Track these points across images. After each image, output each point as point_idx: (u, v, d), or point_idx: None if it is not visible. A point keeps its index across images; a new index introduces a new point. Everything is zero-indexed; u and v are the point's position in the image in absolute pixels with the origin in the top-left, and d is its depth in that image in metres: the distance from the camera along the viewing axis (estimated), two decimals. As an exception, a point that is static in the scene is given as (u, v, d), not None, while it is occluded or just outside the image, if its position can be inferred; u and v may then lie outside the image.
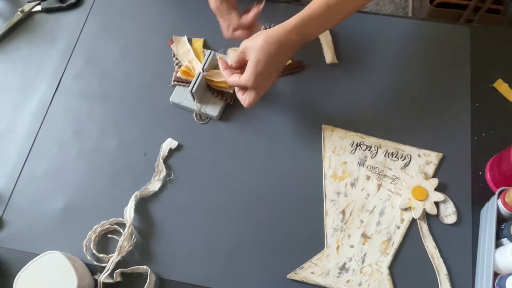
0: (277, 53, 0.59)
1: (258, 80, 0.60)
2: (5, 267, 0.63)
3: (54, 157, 0.70)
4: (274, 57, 0.59)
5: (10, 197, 0.68)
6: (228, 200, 0.66)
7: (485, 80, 0.72)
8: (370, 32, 0.77)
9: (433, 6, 1.46)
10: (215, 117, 0.71)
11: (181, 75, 0.72)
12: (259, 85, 0.61)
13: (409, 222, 0.63)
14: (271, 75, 0.61)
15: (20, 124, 0.73)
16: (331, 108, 0.72)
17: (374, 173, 0.66)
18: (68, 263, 0.57)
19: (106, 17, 0.82)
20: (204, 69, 0.69)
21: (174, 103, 0.72)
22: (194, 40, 0.77)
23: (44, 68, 0.78)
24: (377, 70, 0.74)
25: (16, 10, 0.83)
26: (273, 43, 0.58)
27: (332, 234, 0.63)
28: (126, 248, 0.62)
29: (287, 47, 0.60)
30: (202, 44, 0.76)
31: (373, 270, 0.61)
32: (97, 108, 0.74)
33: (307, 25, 0.60)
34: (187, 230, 0.64)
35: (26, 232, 0.65)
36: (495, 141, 0.68)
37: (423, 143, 0.68)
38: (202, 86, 0.70)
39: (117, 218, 0.65)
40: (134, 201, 0.64)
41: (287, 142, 0.69)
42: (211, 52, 0.70)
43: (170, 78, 0.75)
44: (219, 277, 0.62)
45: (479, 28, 0.77)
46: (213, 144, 0.70)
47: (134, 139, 0.71)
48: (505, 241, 0.56)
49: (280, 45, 0.59)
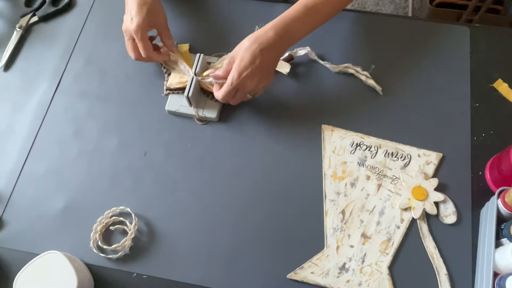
0: (260, 52, 0.62)
1: (242, 78, 0.62)
2: (5, 267, 0.63)
3: (54, 157, 0.70)
4: (258, 54, 0.62)
5: (10, 197, 0.68)
6: (228, 200, 0.66)
7: (485, 80, 0.72)
8: (370, 32, 0.77)
9: (433, 6, 1.46)
10: (213, 119, 0.71)
11: (174, 85, 0.71)
12: (242, 83, 0.63)
13: (409, 222, 0.63)
14: (255, 74, 0.63)
15: (20, 124, 0.73)
16: (331, 108, 0.72)
17: (374, 173, 0.66)
18: (68, 263, 0.57)
19: (106, 17, 0.82)
20: (196, 72, 0.69)
21: (170, 111, 0.72)
22: (180, 46, 0.75)
23: (44, 68, 0.78)
24: (377, 70, 0.74)
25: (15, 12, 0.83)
26: (254, 42, 0.62)
27: (332, 234, 0.63)
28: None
29: (268, 45, 0.63)
30: (188, 49, 0.75)
31: (373, 270, 0.61)
32: (97, 108, 0.74)
33: (286, 24, 0.64)
34: (187, 230, 0.64)
35: (26, 232, 0.65)
36: (495, 141, 0.68)
37: (423, 143, 0.68)
38: (197, 90, 0.70)
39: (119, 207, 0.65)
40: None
41: (287, 142, 0.69)
42: (200, 55, 0.70)
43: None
44: (219, 277, 0.62)
45: (479, 28, 0.77)
46: (213, 144, 0.70)
47: (134, 139, 0.71)
48: (505, 241, 0.56)
49: (260, 44, 0.62)
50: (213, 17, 0.80)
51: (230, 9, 0.81)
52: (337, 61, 0.74)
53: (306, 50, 0.73)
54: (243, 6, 0.81)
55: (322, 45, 0.75)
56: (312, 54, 0.73)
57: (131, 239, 0.63)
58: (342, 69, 0.73)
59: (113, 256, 0.63)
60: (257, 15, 0.79)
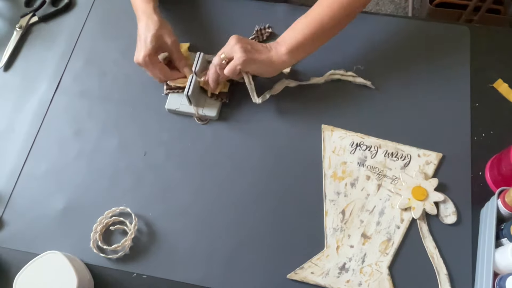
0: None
1: (248, 52, 0.64)
2: (5, 267, 0.63)
3: (54, 157, 0.70)
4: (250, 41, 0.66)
5: (10, 197, 0.68)
6: (228, 200, 0.66)
7: (485, 80, 0.72)
8: (370, 32, 0.77)
9: (433, 6, 1.46)
10: (213, 117, 0.71)
11: (175, 84, 0.72)
12: (250, 55, 0.64)
13: (409, 222, 0.63)
14: (255, 48, 0.65)
15: (20, 124, 0.73)
16: (331, 108, 0.72)
17: (374, 173, 0.66)
18: (68, 263, 0.57)
19: (106, 17, 0.82)
20: (196, 71, 0.69)
21: (170, 110, 0.72)
22: (180, 45, 0.74)
23: (44, 68, 0.78)
24: (377, 70, 0.74)
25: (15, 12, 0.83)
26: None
27: (332, 234, 0.63)
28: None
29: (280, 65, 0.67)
30: (187, 48, 0.76)
31: (373, 270, 0.61)
32: (97, 108, 0.74)
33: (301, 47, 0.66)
34: (187, 230, 0.64)
35: (26, 232, 0.65)
36: (495, 141, 0.68)
37: (423, 143, 0.68)
38: (197, 88, 0.70)
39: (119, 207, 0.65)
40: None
41: (287, 142, 0.69)
42: (200, 54, 0.70)
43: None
44: (219, 277, 0.62)
45: (479, 28, 0.77)
46: (213, 144, 0.70)
47: (134, 139, 0.71)
48: (505, 241, 0.56)
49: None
50: (213, 16, 0.80)
51: (230, 9, 0.81)
52: (337, 62, 0.74)
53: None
54: (243, 6, 0.81)
55: (320, 47, 0.75)
56: (291, 83, 0.73)
57: (131, 239, 0.63)
58: (327, 77, 0.73)
59: (113, 256, 0.63)
60: (257, 15, 0.79)
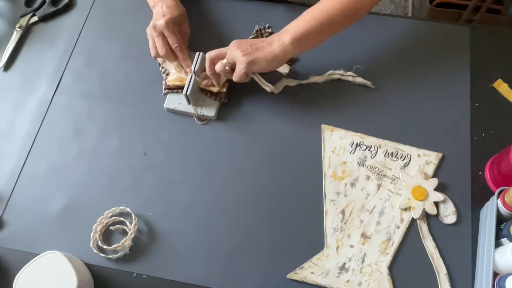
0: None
1: (249, 54, 0.63)
2: (5, 267, 0.63)
3: (54, 157, 0.70)
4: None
5: (10, 197, 0.68)
6: (228, 200, 0.66)
7: (485, 80, 0.72)
8: (370, 32, 0.77)
9: (433, 6, 1.46)
10: (212, 117, 0.71)
11: (174, 83, 0.72)
12: (251, 56, 0.63)
13: (408, 222, 0.63)
14: (255, 47, 0.64)
15: (20, 124, 0.73)
16: (331, 108, 0.72)
17: (374, 173, 0.66)
18: (68, 263, 0.57)
19: (106, 17, 0.82)
20: (195, 71, 0.69)
21: (169, 109, 0.72)
22: None
23: (44, 68, 0.78)
24: (377, 70, 0.74)
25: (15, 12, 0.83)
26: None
27: (332, 234, 0.63)
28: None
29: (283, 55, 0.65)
30: (187, 47, 0.75)
31: (372, 270, 0.61)
32: (97, 108, 0.74)
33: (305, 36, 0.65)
34: (187, 230, 0.64)
35: (26, 232, 0.65)
36: (495, 141, 0.68)
37: (423, 143, 0.68)
38: (196, 88, 0.70)
39: (119, 207, 0.65)
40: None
41: (287, 141, 0.69)
42: (200, 53, 0.70)
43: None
44: (219, 277, 0.62)
45: (479, 28, 0.77)
46: (213, 144, 0.70)
47: (134, 139, 0.71)
48: (505, 241, 0.56)
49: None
50: (213, 16, 0.80)
51: (230, 9, 0.81)
52: (337, 62, 0.74)
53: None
54: (243, 6, 0.81)
55: (321, 46, 0.75)
56: (291, 82, 0.73)
57: (131, 239, 0.63)
58: (327, 77, 0.73)
59: (113, 256, 0.63)
60: (257, 15, 0.79)
